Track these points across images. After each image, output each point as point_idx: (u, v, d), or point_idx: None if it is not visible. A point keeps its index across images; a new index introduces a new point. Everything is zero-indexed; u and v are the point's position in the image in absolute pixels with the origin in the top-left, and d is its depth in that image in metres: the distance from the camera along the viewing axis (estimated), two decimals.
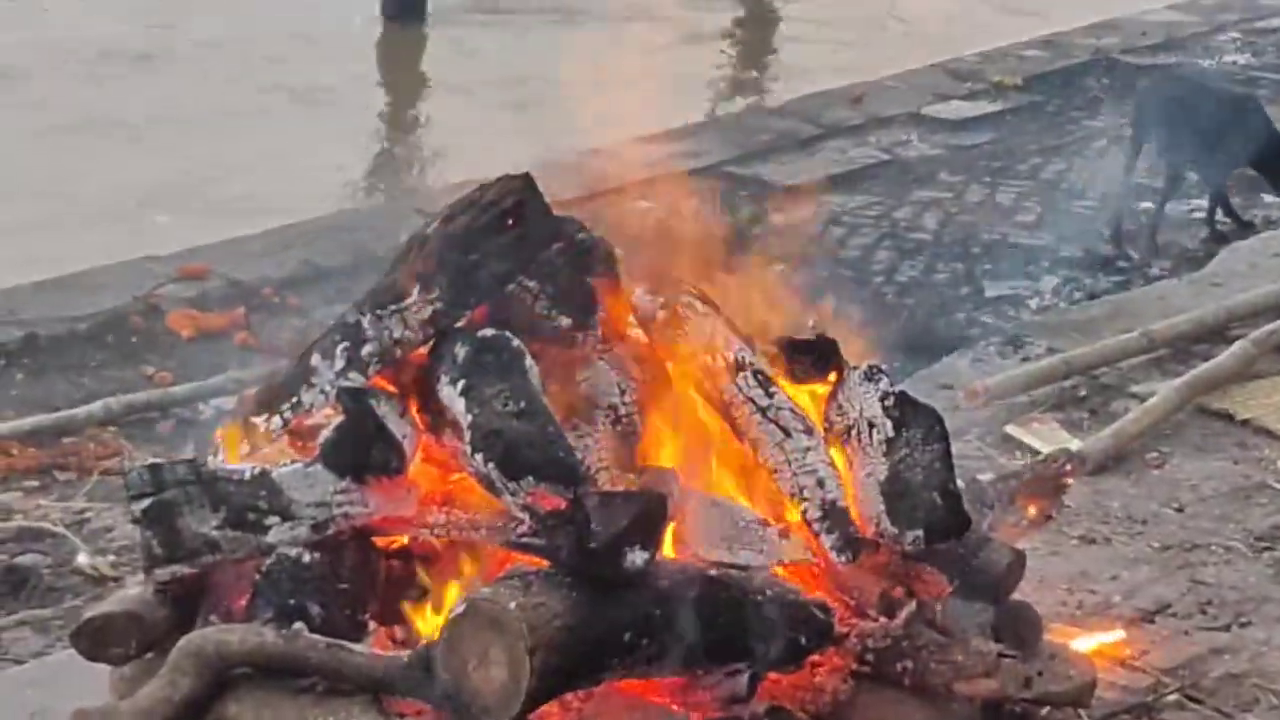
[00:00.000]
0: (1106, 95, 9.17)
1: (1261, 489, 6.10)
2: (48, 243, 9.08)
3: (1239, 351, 6.87)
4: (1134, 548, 5.73)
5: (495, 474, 4.18)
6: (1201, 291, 7.62)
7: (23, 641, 5.65)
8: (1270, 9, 11.23)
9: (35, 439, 6.87)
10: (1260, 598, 5.38)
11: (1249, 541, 5.76)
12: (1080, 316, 7.51)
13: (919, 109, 9.91)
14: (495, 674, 3.91)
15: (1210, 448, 6.41)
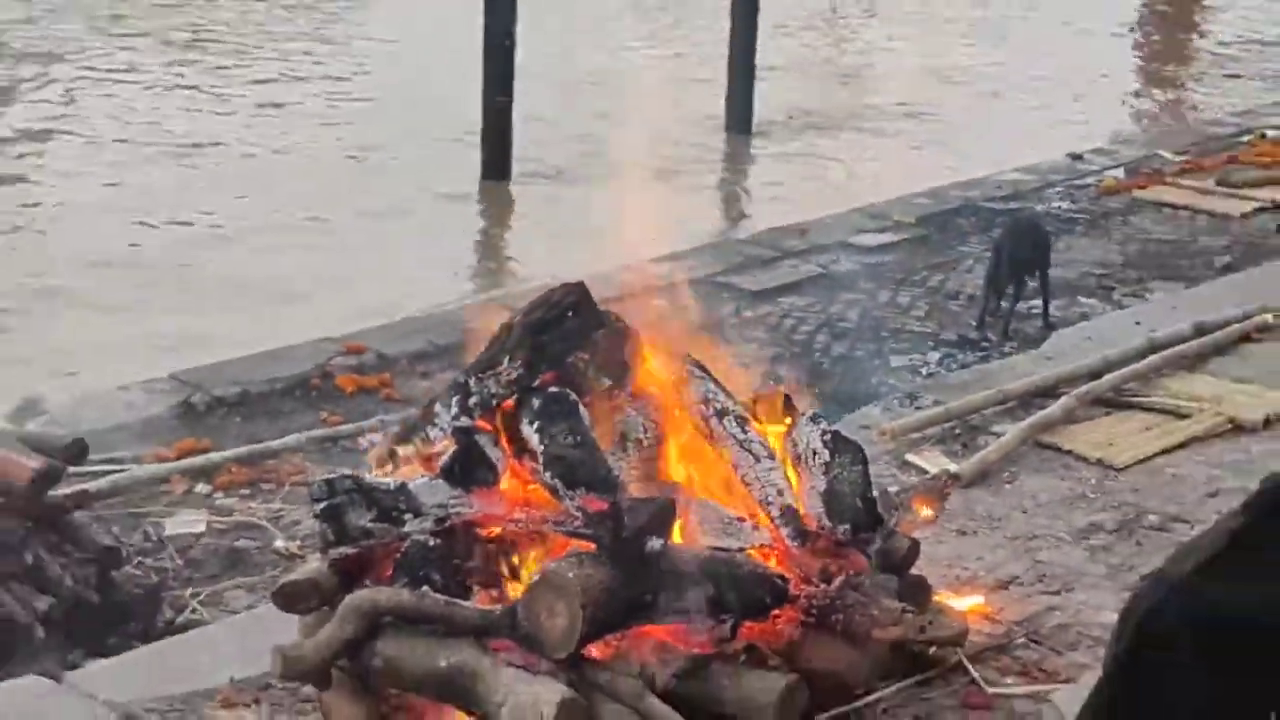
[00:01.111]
0: (973, 229, 9.52)
1: (1081, 497, 6.57)
2: (252, 325, 9.54)
3: (1064, 404, 7.27)
4: (993, 538, 6.18)
5: (559, 486, 4.77)
6: (1039, 363, 8.03)
7: (238, 599, 6.21)
8: (1084, 171, 11.65)
9: (248, 461, 7.27)
10: (1080, 572, 5.87)
11: (1072, 534, 6.24)
12: (956, 380, 7.95)
13: (846, 238, 10.30)
14: (559, 622, 4.43)
15: (1045, 470, 6.82)
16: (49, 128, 15.99)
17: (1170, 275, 9.60)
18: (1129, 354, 7.88)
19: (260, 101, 16.96)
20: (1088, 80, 18.04)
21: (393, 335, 8.77)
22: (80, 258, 12.19)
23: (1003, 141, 13.31)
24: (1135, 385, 7.58)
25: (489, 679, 4.46)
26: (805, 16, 20.30)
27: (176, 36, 19.31)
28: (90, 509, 6.61)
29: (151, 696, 5.10)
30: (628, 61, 19.46)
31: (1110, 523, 6.32)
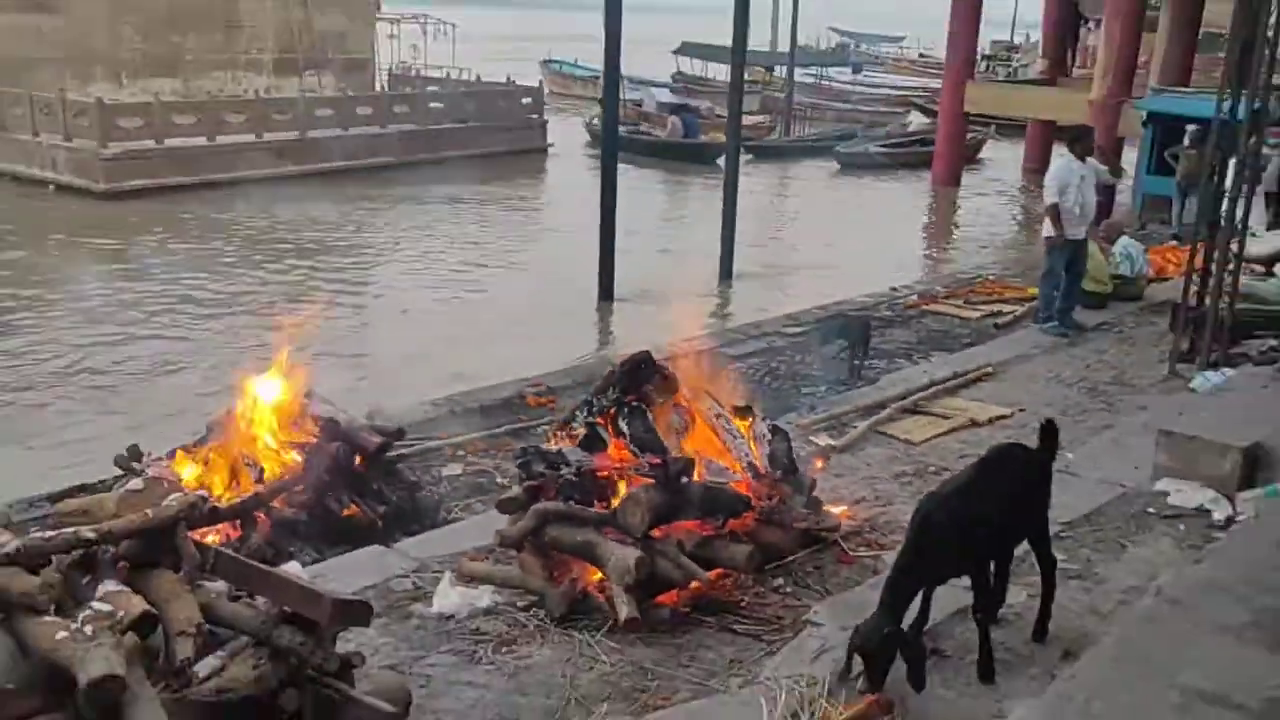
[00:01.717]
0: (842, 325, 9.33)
1: (896, 459, 6.45)
2: (485, 370, 9.38)
3: (888, 411, 7.14)
4: (852, 479, 6.08)
5: (636, 450, 4.83)
6: (875, 391, 7.83)
7: (478, 509, 6.06)
8: (898, 296, 11.50)
9: (484, 440, 7.13)
10: (895, 495, 5.80)
11: (891, 476, 6.13)
12: (833, 399, 7.71)
13: (779, 329, 9.99)
14: (637, 519, 4.50)
15: (878, 445, 6.68)
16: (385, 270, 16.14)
17: (940, 347, 9.51)
18: (920, 385, 7.83)
19: (472, 262, 16.93)
20: (896, 251, 17.94)
21: (555, 376, 8.64)
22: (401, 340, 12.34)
23: (855, 281, 13.28)
24: (924, 402, 7.52)
25: (602, 547, 4.50)
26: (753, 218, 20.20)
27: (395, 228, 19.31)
28: (405, 462, 6.60)
29: (435, 555, 5.15)
30: (677, 228, 19.76)
31: (910, 470, 6.27)
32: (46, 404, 10.21)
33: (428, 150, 24.50)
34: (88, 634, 2.72)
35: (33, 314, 13.11)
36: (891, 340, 9.71)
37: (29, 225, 18.00)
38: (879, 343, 9.22)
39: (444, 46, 33.48)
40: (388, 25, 32.96)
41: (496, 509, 4.97)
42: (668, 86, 37.02)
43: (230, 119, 21.97)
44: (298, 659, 3.15)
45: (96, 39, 24.33)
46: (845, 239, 19.08)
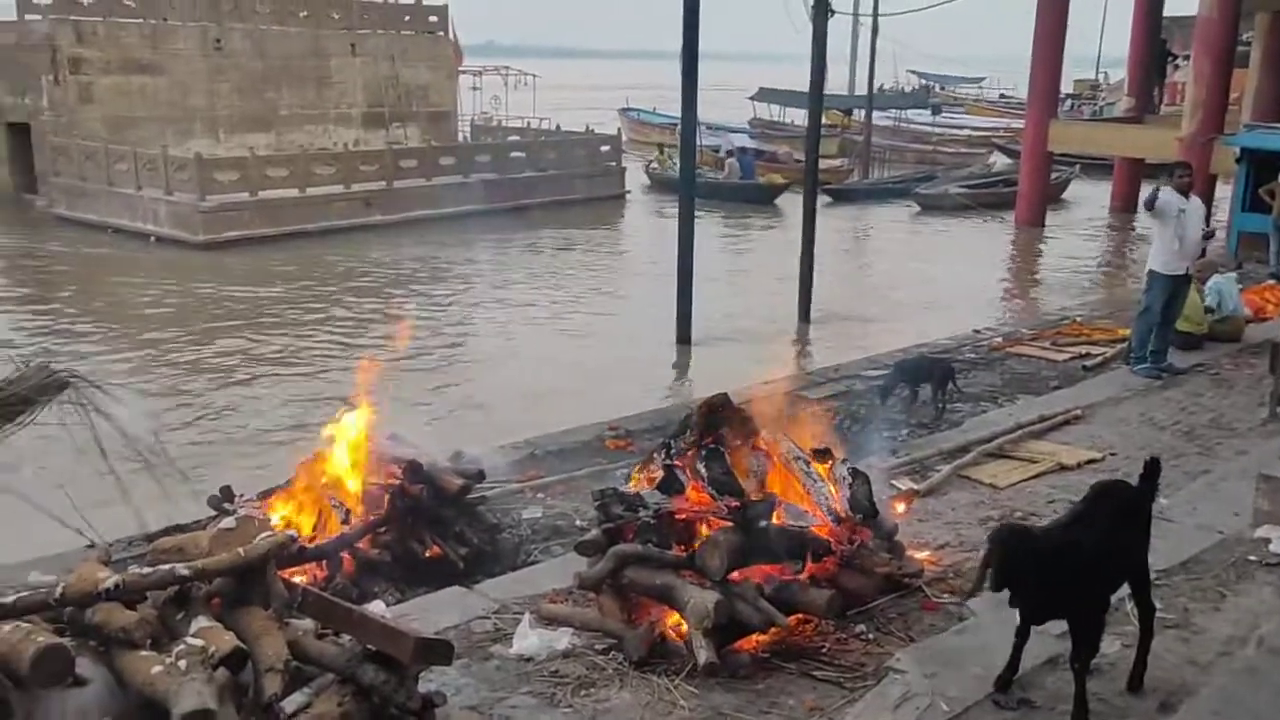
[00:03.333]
0: (923, 368, 9.05)
1: (981, 503, 6.30)
2: (565, 415, 9.26)
3: (972, 455, 7.02)
4: (935, 524, 5.96)
5: (714, 493, 4.74)
6: (958, 435, 7.70)
7: (556, 551, 6.07)
8: (982, 338, 11.37)
9: (564, 484, 7.06)
10: (980, 542, 5.14)
11: (976, 521, 5.96)
12: (915, 443, 7.62)
13: (858, 372, 9.89)
14: (715, 562, 4.44)
15: (962, 489, 6.55)
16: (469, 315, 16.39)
17: (1026, 390, 9.30)
18: (1006, 429, 7.68)
19: (551, 306, 17.10)
20: (978, 293, 17.72)
21: (633, 420, 8.66)
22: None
23: (936, 323, 13.14)
24: (1009, 446, 7.37)
25: (681, 590, 4.45)
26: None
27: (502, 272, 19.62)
28: (486, 504, 6.61)
29: (515, 596, 5.14)
30: (748, 269, 19.69)
31: (996, 515, 6.12)
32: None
33: (509, 198, 24.95)
34: (182, 668, 2.79)
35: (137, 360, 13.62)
36: (975, 383, 9.54)
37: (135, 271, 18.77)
38: (962, 385, 9.07)
39: (525, 96, 34.30)
40: (470, 77, 33.90)
41: (575, 551, 4.94)
42: (745, 132, 37.25)
43: (320, 171, 22.68)
44: (381, 697, 3.19)
45: (196, 97, 25.46)
46: (926, 281, 18.88)
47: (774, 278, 17.88)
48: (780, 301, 15.59)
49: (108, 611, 2.98)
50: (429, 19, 30.54)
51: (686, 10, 12.45)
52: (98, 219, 22.20)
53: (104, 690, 2.88)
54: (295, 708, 3.11)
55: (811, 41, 14.02)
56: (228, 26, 26.04)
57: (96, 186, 22.34)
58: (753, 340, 14.56)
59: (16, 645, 2.72)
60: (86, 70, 23.73)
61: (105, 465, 4.74)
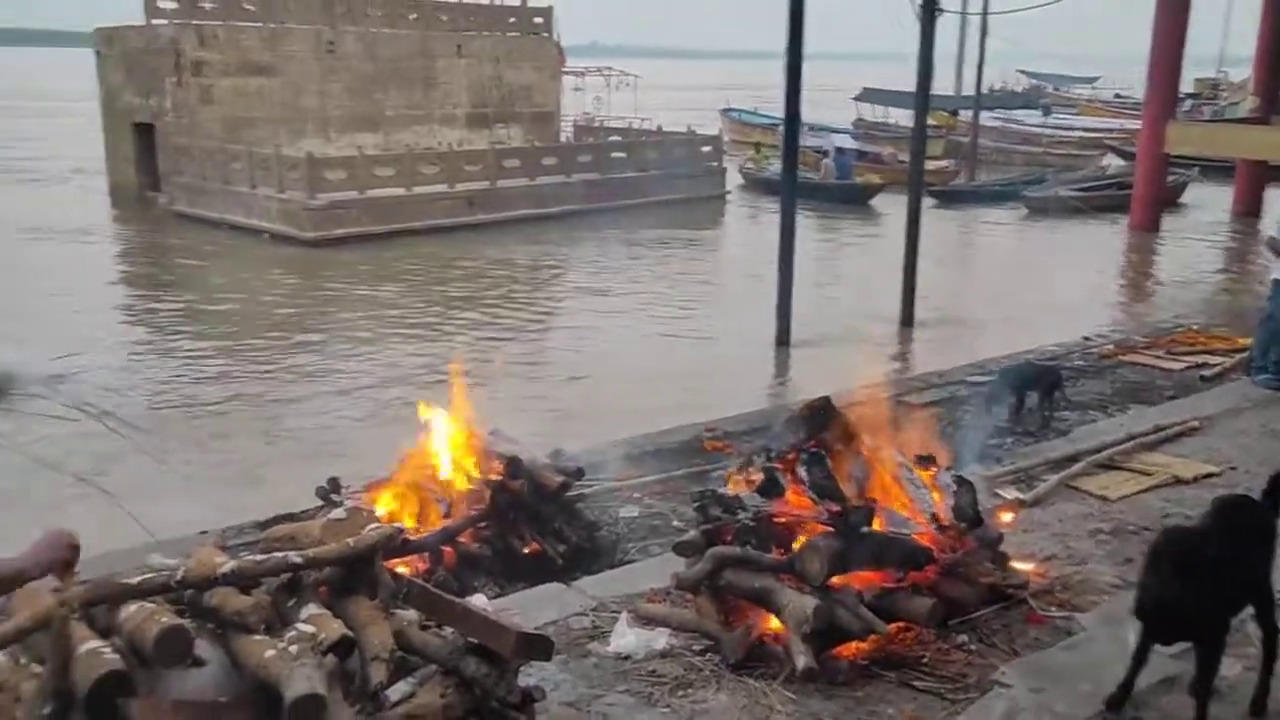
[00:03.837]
0: (1031, 375, 8.83)
1: (1090, 515, 6.08)
2: (664, 419, 9.15)
3: (1081, 465, 6.81)
4: (1042, 535, 5.80)
5: (815, 498, 4.70)
6: (1067, 444, 7.47)
7: (654, 550, 6.11)
8: (1092, 346, 11.03)
9: (661, 483, 7.12)
10: (1090, 554, 5.50)
11: (1085, 534, 5.79)
12: (1021, 451, 7.46)
13: (963, 378, 9.80)
14: (815, 567, 4.36)
15: (1070, 500, 6.34)
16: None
17: (1140, 400, 9.01)
18: (1117, 439, 7.42)
19: (651, 306, 17.13)
20: (1089, 299, 17.19)
21: (731, 421, 8.63)
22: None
23: (1044, 329, 12.78)
24: (1120, 457, 7.12)
25: (780, 594, 4.41)
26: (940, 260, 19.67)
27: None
28: (584, 502, 6.68)
29: (613, 595, 5.15)
30: (845, 271, 19.44)
31: (1107, 528, 5.93)
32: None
33: (610, 198, 25.09)
34: (293, 654, 2.87)
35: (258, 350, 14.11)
36: (1084, 391, 9.25)
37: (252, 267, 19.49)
38: (1070, 394, 8.80)
39: (626, 97, 34.46)
40: (573, 78, 34.19)
41: (673, 551, 4.91)
42: (848, 132, 36.78)
43: (425, 170, 23.15)
44: (483, 689, 3.23)
45: (308, 98, 26.21)
46: (1033, 286, 18.40)
47: (872, 280, 17.67)
48: (880, 304, 15.36)
49: (224, 596, 3.08)
50: (534, 20, 30.91)
51: (792, 10, 12.36)
52: (215, 216, 23.04)
53: (219, 671, 2.98)
54: (399, 697, 3.18)
55: (919, 41, 13.77)
56: (341, 29, 26.74)
57: (214, 185, 23.19)
58: (852, 343, 14.37)
59: (141, 624, 2.84)
60: (207, 73, 24.61)
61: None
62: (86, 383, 11.91)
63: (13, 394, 3.26)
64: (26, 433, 8.66)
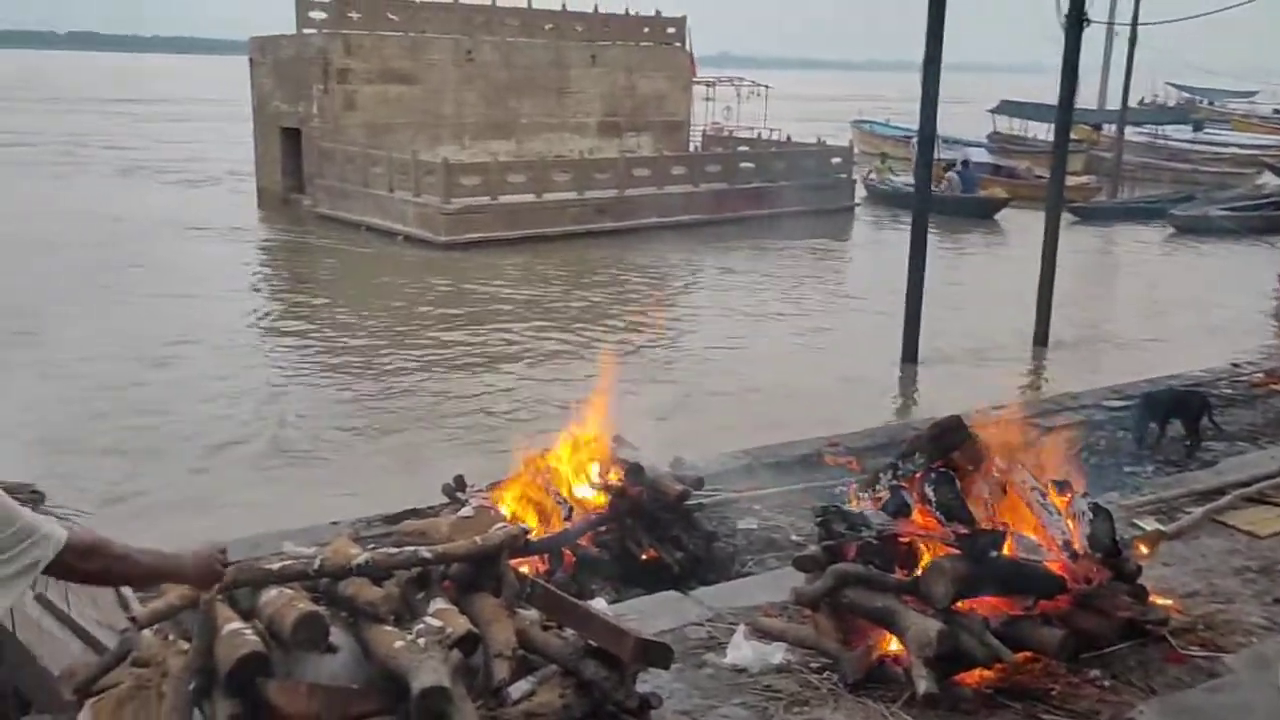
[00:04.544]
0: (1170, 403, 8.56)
1: (1237, 552, 5.78)
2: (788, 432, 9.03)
3: (1229, 498, 6.49)
4: (1184, 570, 5.52)
5: (942, 519, 4.55)
6: (1212, 476, 7.14)
7: (771, 563, 6.09)
8: (1240, 373, 10.51)
9: (780, 497, 7.07)
10: (1236, 593, 5.25)
11: (1231, 571, 5.53)
12: (1163, 481, 7.19)
13: (1099, 401, 9.45)
14: (941, 589, 4.28)
15: (1216, 535, 6.02)
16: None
17: None
18: (1269, 472, 7.03)
19: (777, 318, 16.97)
20: (1240, 324, 16.38)
21: (854, 437, 8.54)
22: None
23: (1189, 354, 12.25)
24: (1271, 492, 6.74)
25: (903, 615, 4.32)
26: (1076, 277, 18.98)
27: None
28: (703, 512, 6.66)
29: (729, 606, 5.11)
30: (971, 287, 18.94)
31: (1255, 566, 5.63)
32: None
33: (738, 208, 25.04)
34: (421, 646, 2.96)
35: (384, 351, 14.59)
36: (1232, 421, 8.83)
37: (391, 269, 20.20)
38: (1218, 422, 8.39)
39: (756, 107, 34.33)
40: (704, 88, 34.25)
41: (793, 566, 4.87)
42: (983, 146, 35.90)
43: (556, 177, 23.49)
44: (601, 692, 3.27)
45: (445, 105, 26.92)
46: (1179, 308, 17.62)
47: (999, 297, 17.26)
48: (1009, 322, 14.96)
49: (358, 586, 3.19)
50: (667, 30, 31.09)
51: (931, 21, 12.15)
52: (354, 218, 23.83)
53: (350, 658, 3.09)
54: (520, 695, 3.24)
55: (1063, 52, 13.34)
56: (479, 38, 27.38)
57: (354, 188, 24.01)
58: (982, 362, 14.03)
59: (281, 609, 2.97)
60: (352, 80, 25.51)
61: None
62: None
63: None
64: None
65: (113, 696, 2.93)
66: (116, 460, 10.21)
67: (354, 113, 25.61)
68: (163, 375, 13.11)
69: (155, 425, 11.18)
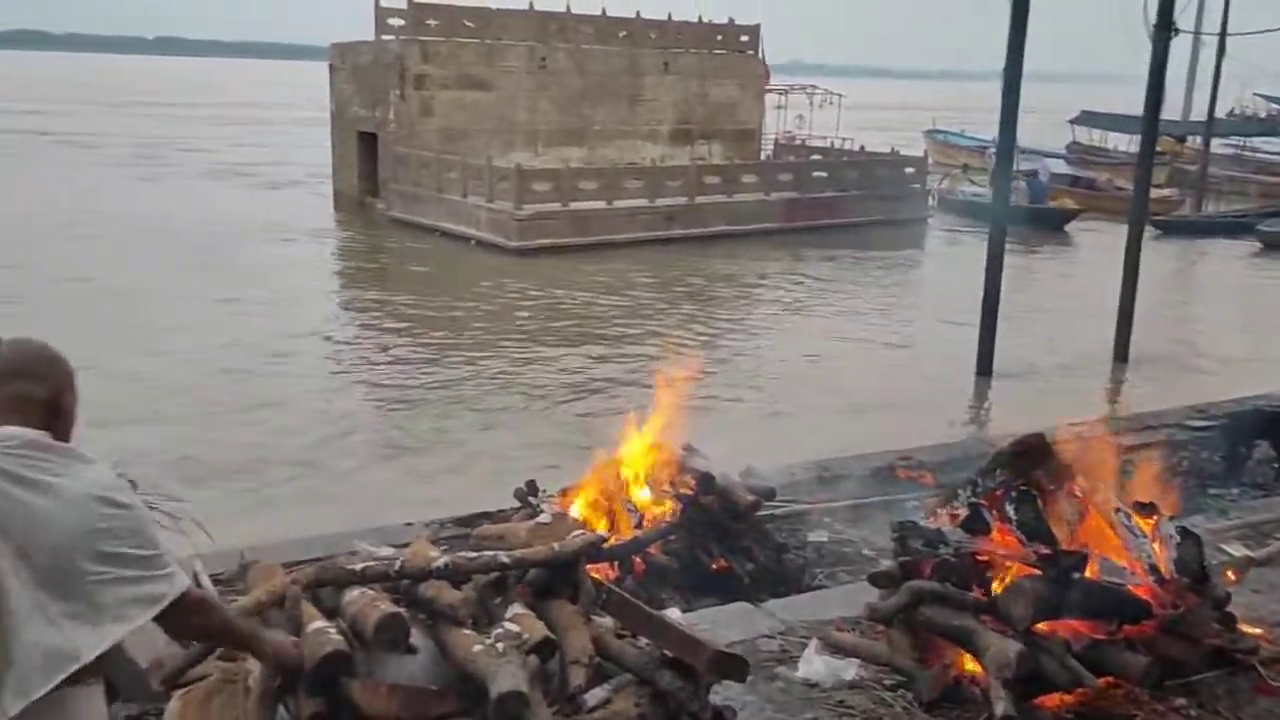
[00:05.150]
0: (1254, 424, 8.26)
1: None
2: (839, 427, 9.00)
3: None
4: (1273, 596, 5.37)
5: (1023, 539, 4.44)
6: None
7: (841, 578, 6.06)
8: None
9: (850, 510, 7.01)
10: None
11: None
12: (1249, 505, 6.95)
13: (1181, 421, 9.02)
14: (1021, 610, 4.18)
15: None
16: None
17: None
18: None
19: (847, 328, 16.76)
20: None
21: (927, 451, 8.40)
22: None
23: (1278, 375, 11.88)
24: None
25: (980, 636, 4.24)
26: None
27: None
28: (773, 523, 6.61)
29: (801, 620, 5.08)
30: (1042, 300, 18.57)
31: None
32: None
33: (808, 217, 24.91)
34: (499, 650, 2.98)
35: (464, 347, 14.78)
36: None
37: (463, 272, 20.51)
38: None
39: (829, 115, 34.10)
40: (776, 96, 34.11)
41: (868, 582, 4.81)
42: (1061, 156, 35.24)
43: (628, 185, 23.60)
44: (677, 703, 3.26)
45: (519, 111, 27.20)
46: (1266, 327, 17.15)
47: (1073, 310, 16.95)
48: (1086, 336, 14.67)
49: (438, 589, 3.23)
50: (740, 38, 31.04)
51: (1012, 30, 11.96)
52: (427, 222, 24.18)
53: (429, 661, 3.12)
54: (596, 702, 3.24)
55: (1150, 61, 13.04)
56: (553, 45, 27.62)
57: (428, 192, 24.36)
58: (1059, 377, 13.75)
59: (363, 609, 3.01)
60: (428, 86, 25.88)
61: None
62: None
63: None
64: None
65: (201, 689, 3.00)
66: (234, 451, 10.55)
67: (429, 118, 25.97)
68: (274, 368, 13.59)
69: (265, 419, 11.53)
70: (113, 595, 1.96)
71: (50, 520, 1.92)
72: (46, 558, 1.91)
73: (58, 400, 2.15)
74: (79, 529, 1.94)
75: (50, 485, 1.95)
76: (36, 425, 2.06)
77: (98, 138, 43.61)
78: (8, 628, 1.86)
